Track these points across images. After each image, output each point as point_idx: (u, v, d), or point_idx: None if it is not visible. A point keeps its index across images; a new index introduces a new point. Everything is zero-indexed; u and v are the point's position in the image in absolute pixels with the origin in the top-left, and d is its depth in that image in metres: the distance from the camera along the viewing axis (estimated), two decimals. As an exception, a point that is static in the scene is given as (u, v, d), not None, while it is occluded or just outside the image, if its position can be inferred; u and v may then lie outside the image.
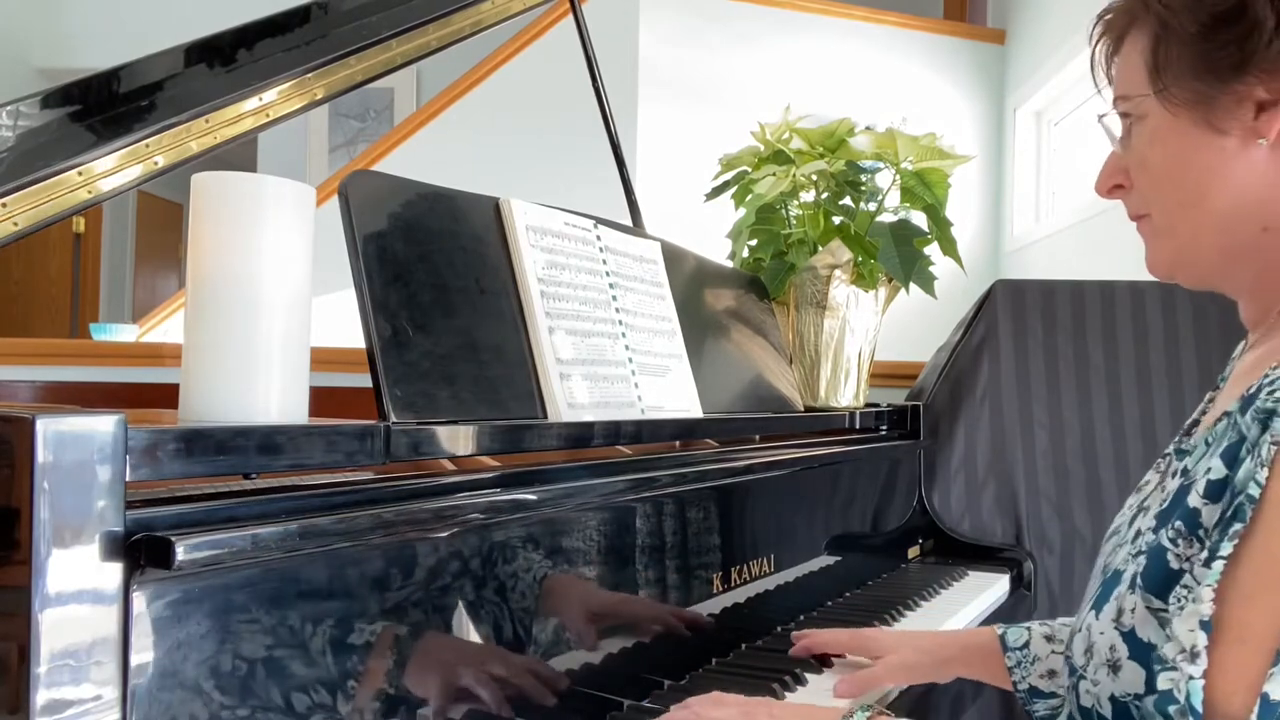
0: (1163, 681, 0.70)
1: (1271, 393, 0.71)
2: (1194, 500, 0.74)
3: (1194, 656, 0.68)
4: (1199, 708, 0.67)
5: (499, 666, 0.86)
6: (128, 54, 1.20)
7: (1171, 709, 0.69)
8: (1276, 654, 0.65)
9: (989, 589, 1.72)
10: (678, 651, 1.12)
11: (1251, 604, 0.68)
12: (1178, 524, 0.74)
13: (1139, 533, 0.80)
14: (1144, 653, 0.73)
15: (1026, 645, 1.05)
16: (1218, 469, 0.73)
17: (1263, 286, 0.82)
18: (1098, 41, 0.88)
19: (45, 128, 1.09)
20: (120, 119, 1.14)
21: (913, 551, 1.92)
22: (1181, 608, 0.71)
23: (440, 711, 0.80)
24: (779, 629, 1.33)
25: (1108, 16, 0.86)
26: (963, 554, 1.95)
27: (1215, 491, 0.73)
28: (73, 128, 1.12)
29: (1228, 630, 0.68)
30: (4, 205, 1.02)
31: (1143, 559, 0.76)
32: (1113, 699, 0.76)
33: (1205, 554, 0.71)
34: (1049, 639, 1.05)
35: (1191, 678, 0.68)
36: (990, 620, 1.66)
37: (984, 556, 1.94)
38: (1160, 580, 0.73)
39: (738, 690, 1.02)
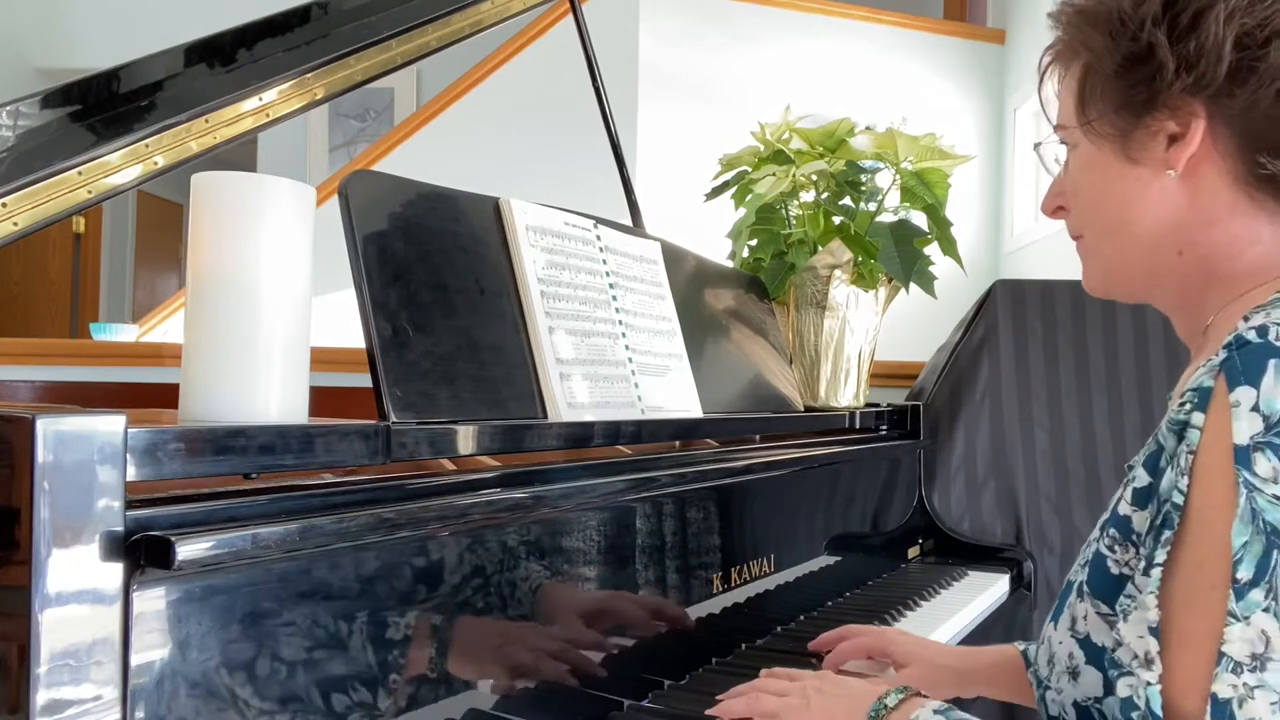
0: (1122, 688, 0.73)
1: (1182, 405, 0.75)
2: (1123, 508, 0.79)
3: (1148, 663, 0.72)
4: (1159, 712, 0.70)
5: (499, 666, 0.86)
6: (128, 54, 1.20)
7: (1134, 714, 0.72)
8: (1219, 654, 0.68)
9: (989, 589, 1.72)
10: (678, 651, 1.12)
11: (1189, 609, 0.71)
12: (1112, 531, 0.79)
13: (1088, 543, 0.85)
14: (1098, 656, 0.78)
15: None
16: (1141, 477, 0.78)
17: (1186, 305, 0.87)
18: (1046, 69, 0.92)
19: (45, 128, 1.09)
20: (120, 119, 1.14)
21: (913, 551, 1.92)
22: (1128, 614, 0.75)
23: (441, 711, 0.80)
24: (779, 629, 1.33)
25: (1056, 48, 0.91)
26: (963, 554, 1.95)
27: (1140, 499, 0.78)
28: (73, 128, 1.12)
29: (1171, 635, 0.72)
30: (4, 205, 1.02)
31: (1088, 568, 0.81)
32: (1076, 704, 0.80)
33: (1143, 562, 0.75)
34: None
35: (1149, 684, 0.71)
36: (991, 620, 1.67)
37: (984, 556, 1.94)
38: (1104, 586, 0.79)
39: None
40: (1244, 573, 0.68)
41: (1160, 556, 0.73)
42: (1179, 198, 0.83)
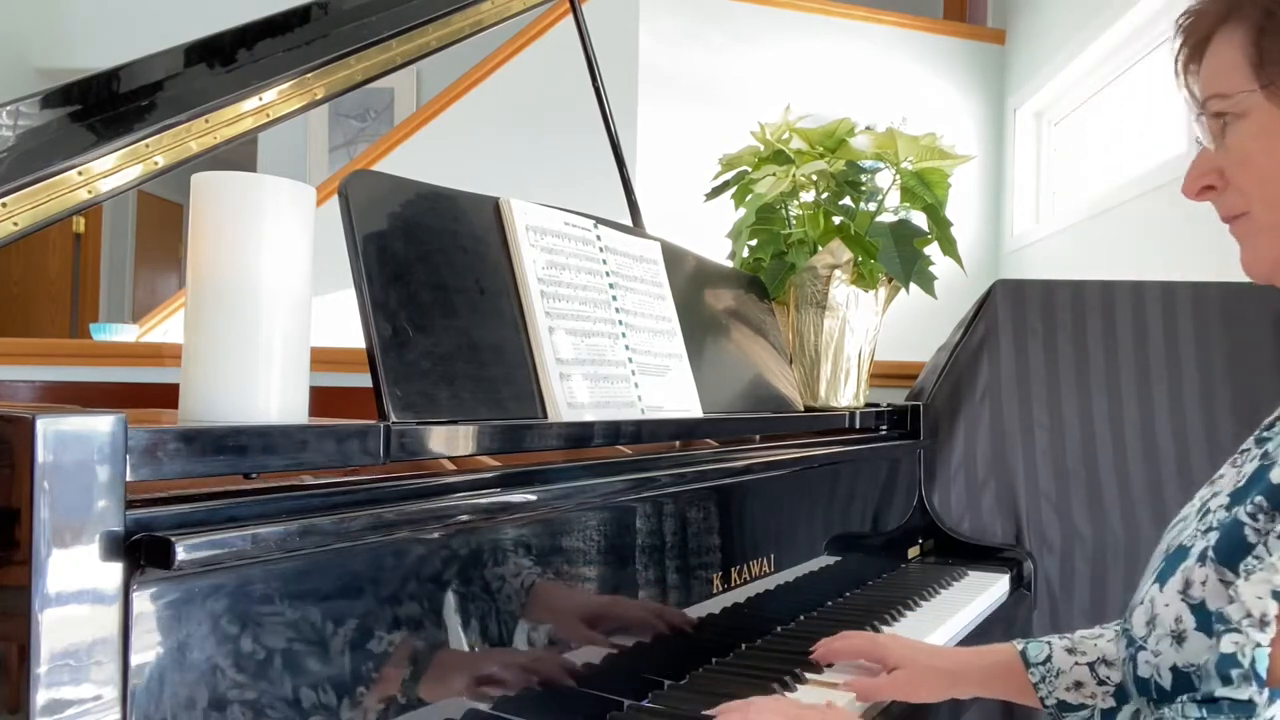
0: (1226, 644, 0.72)
1: None
2: (1277, 476, 0.75)
3: (1263, 624, 0.70)
4: (1263, 674, 0.69)
5: (499, 666, 0.86)
6: (128, 54, 1.20)
7: (1234, 672, 0.70)
8: None
9: (989, 589, 1.72)
10: (677, 651, 1.12)
11: None
12: (1258, 499, 0.75)
13: (1208, 511, 0.81)
14: (1210, 622, 0.75)
15: (1049, 659, 1.04)
16: None
17: None
18: (1181, 45, 0.85)
19: (45, 128, 1.09)
20: (120, 119, 1.14)
21: (913, 551, 1.92)
22: (1251, 574, 0.72)
23: (441, 711, 0.80)
24: (779, 629, 1.33)
25: (1188, 20, 0.85)
26: (963, 554, 1.95)
27: None
28: (73, 128, 1.12)
29: None
30: (4, 205, 1.02)
31: (1214, 534, 0.77)
32: (1174, 669, 0.77)
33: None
34: (1070, 651, 1.04)
35: (1259, 645, 0.70)
36: (990, 620, 1.66)
37: (984, 556, 1.94)
38: (1235, 553, 0.75)
39: (738, 689, 1.02)
40: None
41: None
42: None
